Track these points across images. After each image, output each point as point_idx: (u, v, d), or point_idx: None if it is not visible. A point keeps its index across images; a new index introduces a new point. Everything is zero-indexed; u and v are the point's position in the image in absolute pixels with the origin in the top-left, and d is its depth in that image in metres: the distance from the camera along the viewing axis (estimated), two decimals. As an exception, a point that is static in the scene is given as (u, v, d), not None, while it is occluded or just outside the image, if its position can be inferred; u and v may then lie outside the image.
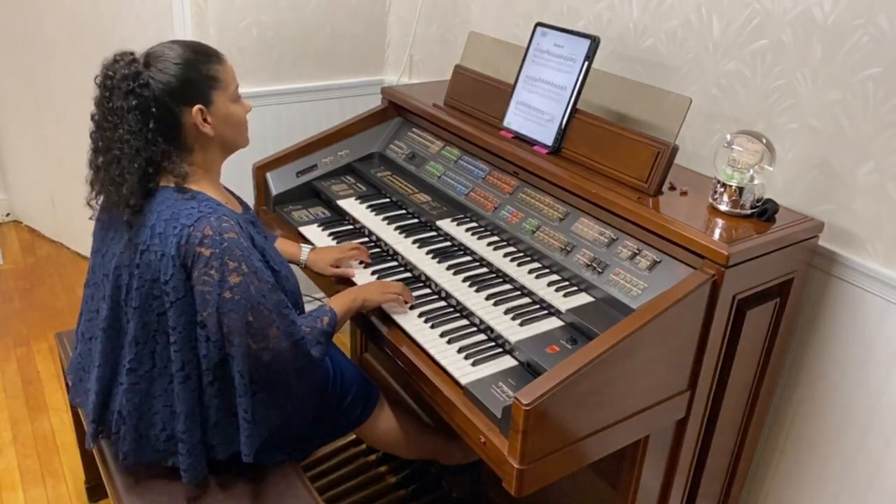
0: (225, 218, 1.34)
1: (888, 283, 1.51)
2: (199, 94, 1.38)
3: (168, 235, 1.32)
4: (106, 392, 1.44)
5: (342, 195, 2.04)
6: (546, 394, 1.17)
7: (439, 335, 1.52)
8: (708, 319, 1.38)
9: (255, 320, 1.32)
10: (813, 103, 1.58)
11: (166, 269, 1.32)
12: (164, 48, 1.38)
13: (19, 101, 3.31)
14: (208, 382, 1.37)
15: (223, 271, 1.30)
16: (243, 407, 1.37)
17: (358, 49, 2.76)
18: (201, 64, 1.39)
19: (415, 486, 2.10)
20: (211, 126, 1.41)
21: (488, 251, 1.71)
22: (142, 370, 1.39)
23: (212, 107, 1.40)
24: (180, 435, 1.39)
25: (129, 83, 1.32)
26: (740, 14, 1.68)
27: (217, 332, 1.33)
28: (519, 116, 1.86)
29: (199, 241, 1.30)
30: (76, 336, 1.59)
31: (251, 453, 1.41)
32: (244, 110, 1.49)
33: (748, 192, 1.48)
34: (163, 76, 1.35)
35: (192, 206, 1.34)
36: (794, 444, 1.76)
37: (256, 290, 1.33)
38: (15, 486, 2.17)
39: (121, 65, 1.34)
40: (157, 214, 1.34)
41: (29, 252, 3.46)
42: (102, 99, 1.36)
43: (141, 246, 1.34)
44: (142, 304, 1.35)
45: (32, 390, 2.56)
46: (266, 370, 1.36)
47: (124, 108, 1.32)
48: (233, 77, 1.45)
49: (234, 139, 1.49)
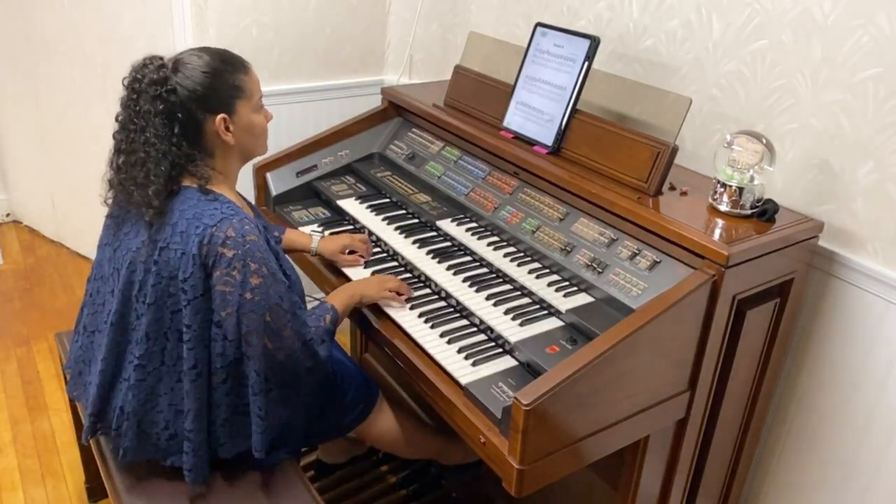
0: (247, 221, 1.37)
1: (888, 283, 1.51)
2: (223, 102, 1.41)
3: (190, 234, 1.34)
4: (108, 387, 1.45)
5: (342, 195, 2.04)
6: (546, 394, 1.17)
7: (439, 335, 1.52)
8: (708, 319, 1.38)
9: (273, 321, 1.35)
10: (813, 103, 1.58)
11: (186, 267, 1.33)
12: (193, 55, 1.41)
13: (19, 101, 3.31)
14: (220, 381, 1.39)
15: (245, 273, 1.33)
16: (258, 405, 1.39)
17: (358, 49, 2.76)
18: (227, 73, 1.42)
19: (415, 486, 2.10)
20: (232, 134, 1.44)
21: (488, 251, 1.71)
22: (150, 367, 1.40)
23: (235, 116, 1.43)
24: (186, 433, 1.40)
25: (156, 88, 1.35)
26: (740, 14, 1.68)
27: (235, 331, 1.35)
28: (519, 116, 1.86)
29: (222, 242, 1.33)
30: (76, 329, 1.59)
31: (263, 449, 1.42)
32: (266, 120, 1.52)
33: (748, 193, 1.48)
34: (189, 83, 1.38)
35: (214, 206, 1.37)
36: (794, 444, 1.76)
37: (275, 292, 1.36)
38: (15, 486, 2.17)
39: (150, 69, 1.37)
40: (180, 213, 1.37)
41: (29, 252, 3.46)
42: (130, 101, 1.38)
43: (161, 243, 1.36)
44: (156, 301, 1.37)
45: (32, 390, 2.56)
46: (280, 369, 1.39)
47: (151, 111, 1.35)
48: (257, 87, 1.49)
49: (254, 148, 1.52)
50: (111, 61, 2.81)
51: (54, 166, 3.32)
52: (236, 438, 1.44)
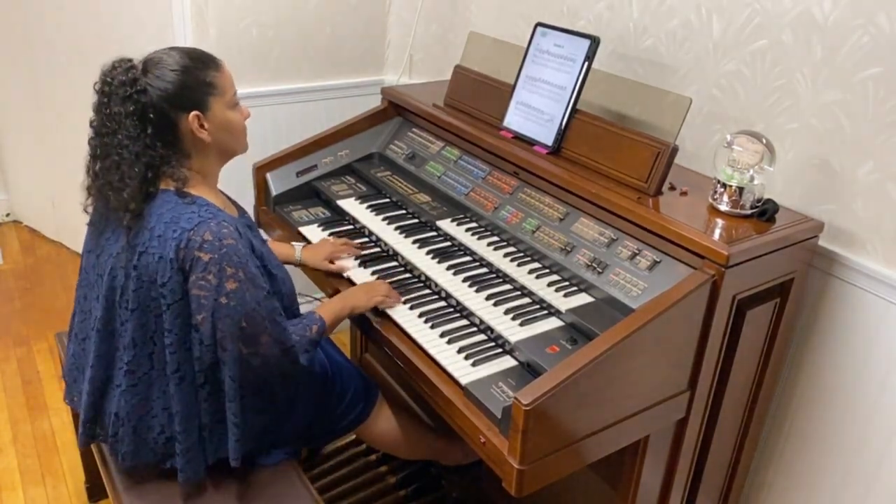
0: (225, 224, 1.35)
1: (888, 283, 1.51)
2: (195, 100, 1.39)
3: (167, 238, 1.32)
4: (99, 393, 1.45)
5: (342, 195, 2.04)
6: (546, 394, 1.17)
7: (439, 335, 1.52)
8: (708, 319, 1.38)
9: (249, 326, 1.34)
10: (813, 103, 1.58)
11: (164, 271, 1.32)
12: (163, 54, 1.39)
13: (19, 102, 3.31)
14: (199, 385, 1.39)
15: (220, 277, 1.31)
16: (232, 411, 1.39)
17: (358, 49, 2.76)
18: (199, 70, 1.40)
19: (415, 486, 2.10)
20: (208, 132, 1.41)
21: (488, 251, 1.71)
22: (140, 372, 1.40)
23: (208, 113, 1.41)
24: (177, 435, 1.40)
25: (126, 89, 1.34)
26: (740, 14, 1.67)
27: (210, 336, 1.34)
28: (519, 116, 1.86)
29: (199, 246, 1.31)
30: (69, 336, 1.60)
31: (239, 458, 1.42)
32: (242, 117, 1.49)
33: (748, 192, 1.48)
34: (160, 82, 1.36)
35: (192, 210, 1.35)
36: (794, 443, 1.76)
37: (252, 297, 1.34)
38: (15, 486, 2.17)
39: (119, 71, 1.36)
40: (158, 217, 1.35)
41: (29, 252, 3.46)
42: (101, 105, 1.37)
43: (139, 248, 1.34)
44: (140, 306, 1.36)
45: (32, 390, 2.56)
46: (253, 375, 1.38)
47: (122, 113, 1.34)
48: (231, 83, 1.46)
49: (232, 145, 1.49)
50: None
51: (54, 166, 3.32)
52: (217, 444, 1.44)
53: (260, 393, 1.42)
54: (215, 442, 1.44)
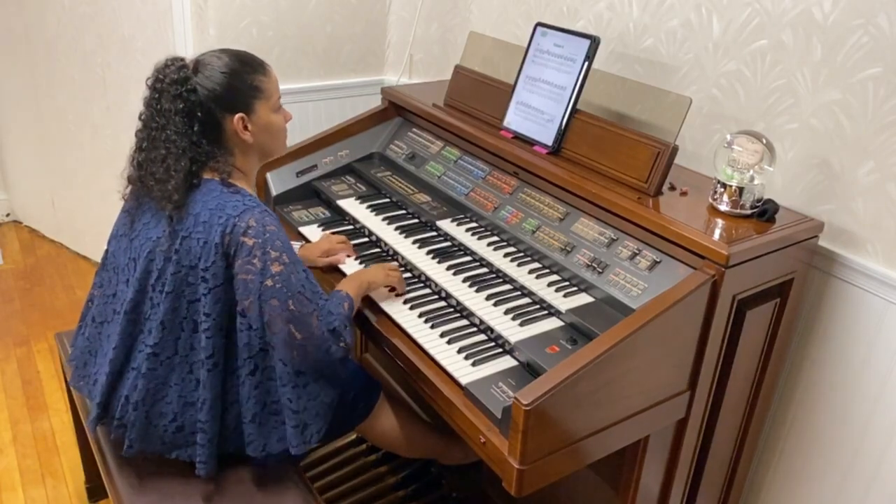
0: (268, 213, 1.42)
1: (888, 283, 1.51)
2: (241, 102, 1.46)
3: (213, 224, 1.37)
4: (117, 375, 1.46)
5: (342, 195, 2.04)
6: (546, 394, 1.17)
7: (439, 335, 1.52)
8: (708, 319, 1.38)
9: (297, 309, 1.37)
10: (813, 103, 1.58)
11: (208, 255, 1.36)
12: (214, 56, 1.46)
13: (19, 101, 3.31)
14: (248, 373, 1.40)
15: (265, 260, 1.36)
16: (287, 396, 1.40)
17: (358, 49, 2.76)
18: (246, 74, 1.46)
19: (415, 486, 2.10)
20: (251, 133, 1.48)
21: (488, 251, 1.71)
22: (163, 356, 1.41)
23: (253, 116, 1.47)
24: (200, 425, 1.41)
25: (177, 87, 1.40)
26: (740, 14, 1.68)
27: (258, 320, 1.37)
28: (519, 116, 1.86)
29: (244, 231, 1.36)
30: (82, 321, 1.60)
31: (300, 444, 1.42)
32: (284, 120, 1.56)
33: (748, 192, 1.48)
34: (209, 83, 1.43)
35: (237, 198, 1.41)
36: (794, 444, 1.76)
37: (297, 280, 1.39)
38: (15, 486, 2.17)
39: (171, 69, 1.42)
40: (203, 204, 1.40)
41: (29, 252, 3.46)
42: (152, 100, 1.43)
43: (183, 232, 1.39)
44: (174, 290, 1.39)
45: (32, 390, 2.56)
46: (312, 360, 1.40)
47: (172, 110, 1.40)
48: (276, 88, 1.52)
49: (272, 147, 1.56)
50: (111, 61, 2.81)
51: (54, 166, 3.32)
52: (268, 436, 1.44)
53: (322, 376, 1.43)
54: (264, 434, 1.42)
